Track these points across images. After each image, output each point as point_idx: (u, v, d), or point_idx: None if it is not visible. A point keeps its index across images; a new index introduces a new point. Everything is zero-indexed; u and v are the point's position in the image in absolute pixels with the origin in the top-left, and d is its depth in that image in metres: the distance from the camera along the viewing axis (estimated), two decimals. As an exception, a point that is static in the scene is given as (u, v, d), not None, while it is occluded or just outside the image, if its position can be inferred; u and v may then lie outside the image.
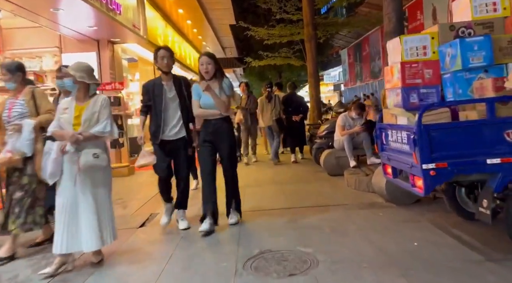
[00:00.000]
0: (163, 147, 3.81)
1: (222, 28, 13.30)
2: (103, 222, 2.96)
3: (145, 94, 3.85)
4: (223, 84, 3.73)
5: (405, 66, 3.32)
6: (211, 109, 3.68)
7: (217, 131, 3.72)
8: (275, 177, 6.46)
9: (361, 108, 5.98)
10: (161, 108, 3.74)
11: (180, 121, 3.82)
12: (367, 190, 4.97)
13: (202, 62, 3.66)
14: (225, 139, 3.75)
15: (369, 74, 19.83)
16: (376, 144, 3.80)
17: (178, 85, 3.80)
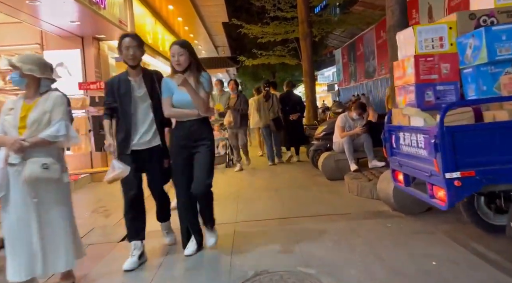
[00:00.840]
0: (133, 158, 3.01)
1: (215, 26, 12.83)
2: (63, 241, 2.50)
3: (109, 93, 3.08)
4: (201, 78, 3.00)
5: (419, 60, 2.91)
6: (187, 108, 2.97)
7: (193, 135, 3.01)
8: (270, 182, 6.02)
9: (362, 108, 5.57)
10: (129, 110, 2.98)
11: (153, 125, 3.05)
12: (370, 196, 4.55)
13: (173, 53, 2.92)
14: (203, 146, 3.01)
15: (364, 74, 19.46)
16: (384, 148, 3.38)
17: (150, 81, 3.04)
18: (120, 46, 2.98)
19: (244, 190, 5.55)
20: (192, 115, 2.98)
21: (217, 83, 7.61)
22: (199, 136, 3.03)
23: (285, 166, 7.54)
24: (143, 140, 3.04)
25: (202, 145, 3.02)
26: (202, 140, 3.04)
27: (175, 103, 2.98)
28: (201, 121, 3.04)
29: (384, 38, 16.90)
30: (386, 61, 16.89)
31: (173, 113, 3.02)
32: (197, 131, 3.02)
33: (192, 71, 2.97)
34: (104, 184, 3.21)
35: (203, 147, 3.03)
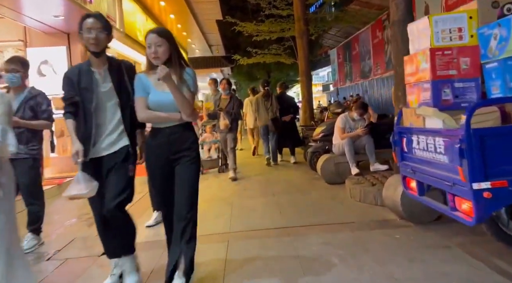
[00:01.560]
0: (94, 168, 2.43)
1: (208, 23, 12.44)
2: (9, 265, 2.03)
3: (68, 86, 2.46)
4: (185, 75, 2.41)
5: (436, 54, 2.56)
6: (166, 111, 2.37)
7: (173, 145, 2.41)
8: (267, 186, 5.66)
9: (363, 108, 5.23)
10: (90, 108, 2.41)
11: (120, 126, 2.47)
12: (374, 202, 4.21)
13: (149, 43, 2.33)
14: (186, 159, 2.42)
15: (359, 74, 19.20)
16: (394, 152, 3.04)
17: (117, 74, 2.46)
18: (81, 28, 2.39)
19: (239, 195, 5.18)
20: (173, 120, 2.38)
21: (211, 82, 7.18)
22: (181, 146, 2.41)
23: (282, 168, 7.19)
24: (105, 144, 2.45)
25: (184, 157, 2.42)
26: (184, 151, 2.42)
27: (152, 105, 2.39)
28: (184, 128, 2.43)
29: (380, 38, 16.63)
30: (382, 60, 16.66)
31: (150, 116, 2.40)
32: (179, 140, 2.41)
33: (174, 67, 2.35)
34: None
35: (186, 161, 2.42)
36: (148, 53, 2.36)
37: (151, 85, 2.39)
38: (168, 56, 2.36)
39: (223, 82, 6.61)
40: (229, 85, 6.62)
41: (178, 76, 2.37)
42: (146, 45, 2.38)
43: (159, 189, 2.54)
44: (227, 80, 6.72)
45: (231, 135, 6.41)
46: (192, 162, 2.44)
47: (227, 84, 6.56)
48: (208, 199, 5.03)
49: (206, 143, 7.30)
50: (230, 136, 6.40)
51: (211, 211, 4.43)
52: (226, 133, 6.39)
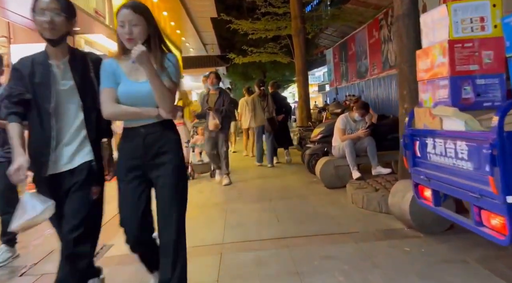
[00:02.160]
0: (50, 188, 1.91)
1: (203, 21, 12.09)
2: None
3: (15, 80, 1.94)
4: (166, 62, 1.92)
5: (455, 47, 2.25)
6: (141, 105, 1.87)
7: (150, 148, 1.90)
8: (263, 190, 5.33)
9: (365, 108, 4.92)
10: (48, 108, 1.89)
11: (81, 134, 1.94)
12: (378, 209, 3.90)
13: (122, 21, 1.83)
14: (169, 167, 1.91)
15: (355, 74, 18.95)
16: (404, 157, 2.73)
17: (81, 68, 1.96)
18: (34, 9, 1.88)
19: (233, 200, 4.85)
20: (150, 117, 1.88)
21: (205, 80, 6.82)
22: (160, 150, 1.91)
23: (278, 171, 6.86)
24: (63, 157, 1.91)
25: (165, 166, 1.91)
26: (165, 156, 1.92)
27: (122, 97, 1.87)
28: (163, 127, 1.93)
29: (376, 37, 16.38)
30: (379, 60, 16.39)
31: (119, 111, 1.87)
32: (157, 142, 1.90)
33: (153, 52, 1.87)
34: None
35: (168, 171, 1.91)
36: (120, 33, 1.84)
37: (122, 73, 1.89)
38: (146, 38, 1.86)
39: (211, 76, 5.85)
40: (217, 79, 5.86)
41: (158, 63, 1.87)
42: (118, 23, 1.86)
43: (127, 207, 1.92)
44: (216, 73, 5.96)
45: (222, 135, 5.73)
46: (176, 171, 1.93)
47: (215, 78, 5.81)
48: (200, 205, 4.70)
49: (197, 146, 6.82)
50: (221, 137, 5.73)
51: (203, 219, 4.10)
52: (217, 133, 5.67)
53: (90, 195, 1.91)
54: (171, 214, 1.90)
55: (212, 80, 5.77)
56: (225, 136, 5.80)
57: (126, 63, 1.90)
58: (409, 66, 4.26)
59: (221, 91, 5.84)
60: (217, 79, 5.82)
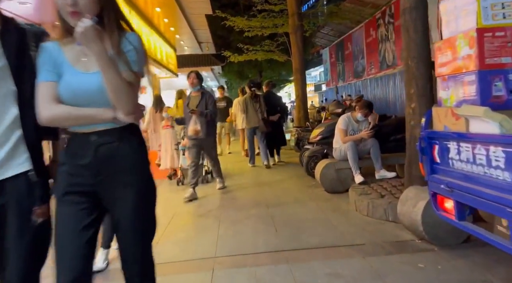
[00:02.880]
0: None
1: (197, 18, 11.70)
2: None
3: None
4: (125, 44, 1.40)
5: (484, 36, 1.92)
6: (92, 104, 1.36)
7: (104, 163, 1.39)
8: (260, 195, 4.99)
9: (369, 108, 4.59)
10: None
11: (15, 134, 1.36)
12: (385, 217, 3.57)
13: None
14: (130, 190, 1.41)
15: (352, 73, 18.68)
16: (420, 162, 2.40)
17: (17, 44, 1.39)
18: None
19: (228, 206, 4.50)
20: (104, 120, 1.36)
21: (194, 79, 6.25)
22: (118, 165, 1.39)
23: (275, 173, 6.52)
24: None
25: (123, 186, 1.40)
26: (124, 174, 1.40)
27: (65, 94, 1.35)
28: (122, 134, 1.40)
29: (373, 37, 16.09)
30: (376, 60, 16.11)
31: (62, 115, 1.35)
32: (114, 155, 1.39)
33: (108, 30, 1.37)
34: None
35: (127, 194, 1.40)
36: (61, 4, 1.31)
37: (65, 61, 1.37)
38: (98, 12, 1.34)
39: (190, 76, 5.05)
40: (198, 79, 5.06)
41: (114, 45, 1.36)
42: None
43: (65, 238, 1.35)
44: (196, 73, 5.13)
45: (208, 142, 5.04)
46: (140, 196, 1.42)
47: (196, 78, 5.02)
48: (192, 213, 4.35)
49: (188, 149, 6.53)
50: (207, 144, 5.03)
51: (194, 229, 3.76)
52: (202, 140, 4.90)
53: (33, 219, 1.36)
54: (133, 252, 1.44)
55: (192, 80, 5.01)
56: (212, 142, 5.17)
57: (71, 48, 1.37)
58: (416, 62, 3.95)
59: (204, 92, 5.10)
60: (198, 79, 5.05)
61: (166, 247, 3.27)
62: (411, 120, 3.95)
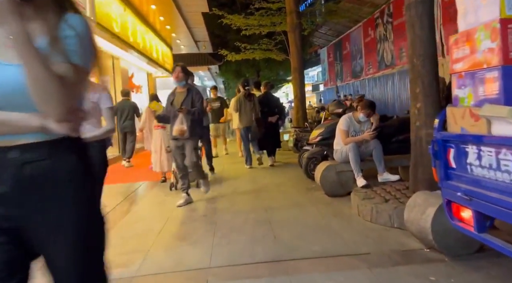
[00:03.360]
0: None
1: (194, 16, 11.47)
2: None
3: None
4: (64, 29, 1.01)
5: (509, 27, 1.71)
6: (7, 106, 0.99)
7: (33, 188, 1.01)
8: (258, 198, 4.77)
9: (371, 108, 4.38)
10: None
11: None
12: (390, 224, 3.36)
13: None
14: (65, 226, 1.03)
15: (350, 73, 18.51)
16: (433, 167, 2.19)
17: None
18: None
19: (224, 211, 4.28)
20: (27, 129, 1.00)
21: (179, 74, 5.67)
22: (50, 195, 1.03)
23: (273, 175, 6.30)
24: None
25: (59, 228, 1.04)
26: (58, 207, 1.04)
27: None
28: (54, 148, 1.04)
29: (372, 36, 15.91)
30: (374, 60, 15.95)
31: None
32: (43, 178, 1.02)
33: (38, 7, 1.03)
34: None
35: (63, 241, 1.04)
36: None
37: None
38: None
39: (176, 70, 4.50)
40: (184, 73, 4.51)
41: (47, 28, 1.02)
42: None
43: None
44: (182, 66, 4.55)
45: (190, 144, 4.43)
46: (82, 238, 1.07)
47: (181, 72, 4.46)
48: (186, 217, 4.13)
49: None
50: (189, 145, 4.42)
51: (188, 235, 3.53)
52: (185, 140, 4.39)
53: None
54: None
55: (177, 74, 4.45)
56: (195, 143, 4.55)
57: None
58: (422, 60, 3.74)
59: (190, 88, 4.59)
60: (183, 73, 4.48)
61: (157, 256, 3.05)
62: (417, 121, 3.76)
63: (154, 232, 3.64)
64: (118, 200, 5.22)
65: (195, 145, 4.53)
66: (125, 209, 4.72)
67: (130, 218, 4.26)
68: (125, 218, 4.24)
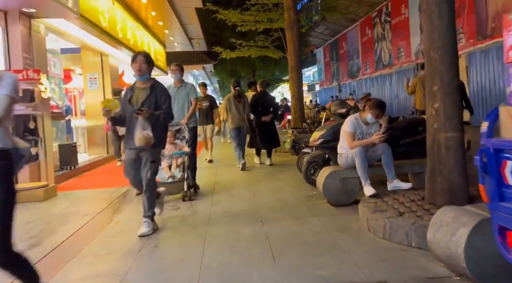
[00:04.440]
0: None
1: (187, 12, 10.90)
2: None
3: None
4: None
5: None
6: None
7: None
8: (253, 207, 4.24)
9: (381, 108, 3.88)
10: None
11: None
12: (407, 242, 2.87)
13: None
14: None
15: (347, 73, 18.09)
16: (480, 183, 1.69)
17: None
18: None
19: (215, 223, 3.76)
20: None
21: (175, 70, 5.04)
22: None
23: (271, 179, 5.80)
24: None
25: None
26: None
27: None
28: None
29: (369, 36, 15.46)
30: (372, 59, 15.50)
31: None
32: None
33: None
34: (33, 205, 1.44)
35: None
36: None
37: None
38: None
39: (137, 59, 3.43)
40: (148, 64, 3.46)
41: None
42: None
43: None
44: (145, 55, 3.52)
45: (150, 155, 3.39)
46: None
47: (144, 63, 3.42)
48: (173, 231, 3.60)
49: (165, 157, 4.67)
50: (147, 157, 3.39)
51: (173, 254, 3.01)
52: (139, 153, 3.42)
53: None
54: None
55: (139, 65, 3.39)
56: (153, 156, 3.42)
57: None
58: (441, 53, 3.25)
59: (155, 84, 3.51)
60: (147, 64, 3.43)
61: (135, 280, 2.54)
62: (434, 123, 3.26)
63: (134, 249, 3.13)
64: (100, 207, 4.69)
65: (155, 157, 3.48)
66: (105, 218, 4.19)
67: (109, 230, 3.72)
68: (104, 231, 3.71)
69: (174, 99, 4.98)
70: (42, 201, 5.10)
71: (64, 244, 3.39)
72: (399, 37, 12.92)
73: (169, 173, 4.60)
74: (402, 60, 12.92)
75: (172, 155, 4.69)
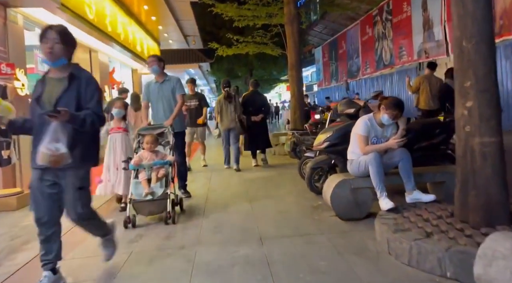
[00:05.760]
0: None
1: (182, 7, 10.32)
2: None
3: None
4: None
5: None
6: None
7: None
8: (250, 221, 3.67)
9: (399, 108, 3.32)
10: None
11: None
12: (439, 271, 2.32)
13: None
14: None
15: (346, 73, 17.57)
16: None
17: None
18: None
19: (206, 241, 3.19)
20: None
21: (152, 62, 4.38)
22: None
23: (269, 186, 5.23)
24: None
25: None
26: None
27: None
28: None
29: (370, 35, 14.94)
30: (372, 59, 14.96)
31: None
32: None
33: None
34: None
35: None
36: None
37: None
38: None
39: (48, 38, 2.26)
40: (65, 44, 2.28)
41: None
42: None
43: None
44: (60, 28, 2.30)
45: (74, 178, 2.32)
46: None
47: (60, 43, 2.25)
48: (155, 250, 3.02)
49: (143, 167, 3.72)
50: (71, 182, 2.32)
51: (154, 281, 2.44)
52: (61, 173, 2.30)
53: None
54: None
55: (51, 45, 2.23)
56: (78, 179, 2.34)
57: None
58: (475, 42, 2.69)
59: (74, 74, 2.33)
60: (63, 44, 2.26)
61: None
62: (466, 125, 2.71)
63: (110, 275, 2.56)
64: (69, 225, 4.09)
65: (82, 181, 2.36)
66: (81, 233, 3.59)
67: (84, 249, 3.15)
68: (78, 249, 3.13)
69: (158, 98, 4.40)
70: (14, 211, 4.52)
71: (27, 266, 2.82)
72: (401, 35, 12.42)
73: (147, 188, 3.58)
74: (403, 59, 12.42)
75: (152, 165, 3.71)
